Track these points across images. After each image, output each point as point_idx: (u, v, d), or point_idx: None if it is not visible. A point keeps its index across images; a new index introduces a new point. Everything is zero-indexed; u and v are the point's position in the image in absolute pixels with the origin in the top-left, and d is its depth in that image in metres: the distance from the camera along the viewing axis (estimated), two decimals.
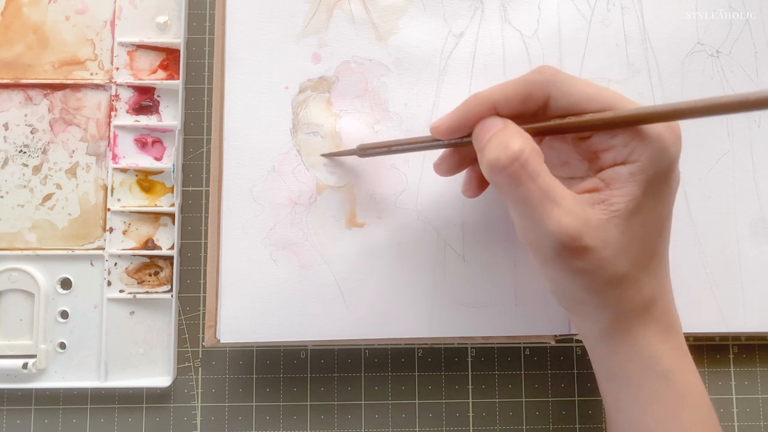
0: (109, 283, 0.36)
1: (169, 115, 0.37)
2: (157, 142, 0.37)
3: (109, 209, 0.36)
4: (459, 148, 0.29)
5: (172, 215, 0.36)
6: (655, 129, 0.25)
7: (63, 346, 0.35)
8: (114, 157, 0.36)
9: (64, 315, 0.36)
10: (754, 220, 0.35)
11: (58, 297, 0.36)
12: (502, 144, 0.25)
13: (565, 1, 0.35)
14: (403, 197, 0.34)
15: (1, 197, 0.36)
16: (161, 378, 0.36)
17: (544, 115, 0.27)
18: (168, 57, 0.37)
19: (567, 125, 0.26)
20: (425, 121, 0.35)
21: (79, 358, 0.35)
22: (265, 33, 0.35)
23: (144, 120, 0.36)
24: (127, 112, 0.36)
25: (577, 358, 0.37)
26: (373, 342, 0.35)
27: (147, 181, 0.37)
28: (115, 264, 0.36)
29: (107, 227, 0.36)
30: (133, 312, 0.36)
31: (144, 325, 0.36)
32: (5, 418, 0.36)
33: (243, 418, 0.36)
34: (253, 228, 0.34)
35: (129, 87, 0.37)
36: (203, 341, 0.34)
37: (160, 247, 0.36)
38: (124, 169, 0.36)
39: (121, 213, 0.36)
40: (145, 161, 0.36)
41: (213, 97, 0.35)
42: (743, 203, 0.35)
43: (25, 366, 0.34)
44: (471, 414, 0.36)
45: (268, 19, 0.35)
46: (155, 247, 0.36)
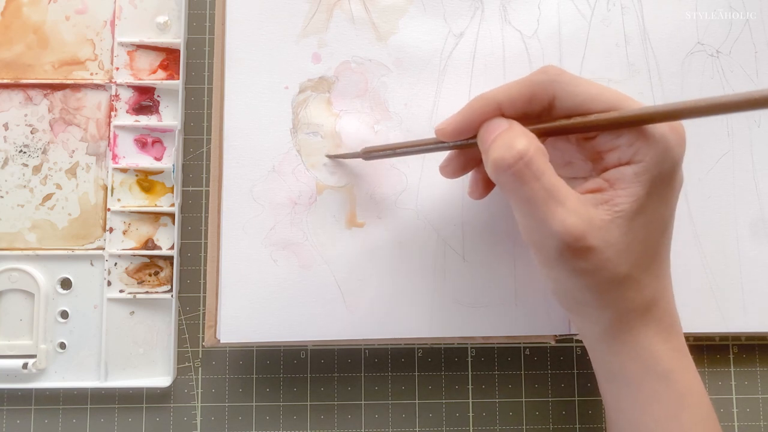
0: (109, 283, 0.36)
1: (169, 115, 0.37)
2: (157, 142, 0.37)
3: (109, 209, 0.36)
4: (464, 149, 0.29)
5: (172, 215, 0.36)
6: (660, 130, 0.25)
7: (63, 346, 0.35)
8: (114, 157, 0.36)
9: (64, 315, 0.36)
10: (754, 220, 0.35)
11: (58, 297, 0.36)
12: (506, 143, 0.25)
13: (565, 1, 0.35)
14: (403, 197, 0.34)
15: (1, 197, 0.36)
16: (161, 378, 0.36)
17: (548, 115, 0.27)
18: (168, 57, 0.37)
19: (573, 125, 0.26)
20: (425, 122, 0.35)
21: (79, 358, 0.35)
22: (265, 33, 0.35)
23: (144, 120, 0.36)
24: (127, 112, 0.36)
25: (577, 358, 0.37)
26: (373, 342, 0.35)
27: (147, 181, 0.37)
28: (115, 264, 0.36)
29: (107, 227, 0.36)
30: (133, 312, 0.36)
31: (144, 325, 0.36)
32: (5, 418, 0.36)
33: (243, 418, 0.36)
34: (253, 228, 0.34)
35: (129, 87, 0.37)
36: (203, 341, 0.34)
37: (160, 247, 0.36)
38: (124, 169, 0.36)
39: (121, 213, 0.36)
40: (145, 161, 0.36)
41: (213, 97, 0.35)
42: (743, 203, 0.35)
43: (25, 366, 0.34)
44: (471, 414, 0.36)
45: (268, 19, 0.35)
46: (155, 247, 0.36)
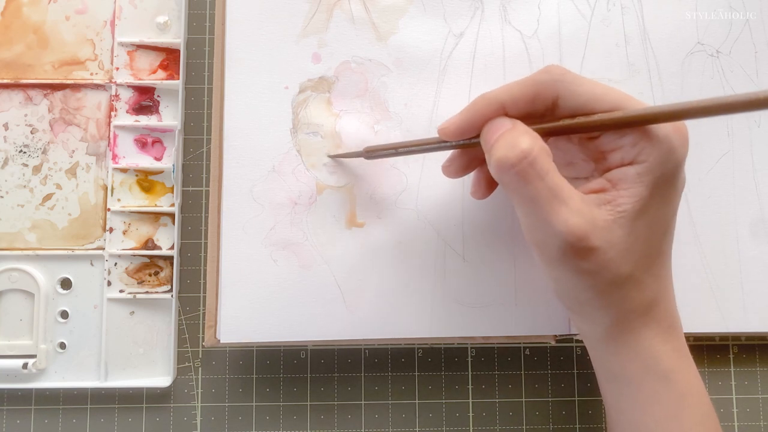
0: (109, 283, 0.36)
1: (169, 115, 0.37)
2: (157, 142, 0.37)
3: (109, 209, 0.36)
4: (467, 149, 0.29)
5: (172, 215, 0.36)
6: (664, 130, 0.25)
7: (63, 346, 0.35)
8: (114, 157, 0.36)
9: (64, 315, 0.36)
10: (754, 220, 0.35)
11: (58, 297, 0.36)
12: (510, 143, 0.25)
13: (565, 1, 0.35)
14: (403, 197, 0.34)
15: (1, 197, 0.36)
16: (161, 378, 0.36)
17: (551, 115, 0.27)
18: (168, 57, 0.37)
19: (576, 125, 0.26)
20: (425, 121, 0.35)
21: (79, 358, 0.35)
22: (265, 33, 0.35)
23: (144, 120, 0.36)
24: (127, 112, 0.36)
25: (577, 358, 0.37)
26: (373, 342, 0.35)
27: (147, 181, 0.37)
28: (115, 264, 0.36)
29: (107, 227, 0.36)
30: (133, 312, 0.36)
31: (144, 325, 0.36)
32: (5, 418, 0.36)
33: (243, 418, 0.36)
34: (253, 228, 0.34)
35: (129, 87, 0.37)
36: (203, 341, 0.34)
37: (160, 247, 0.36)
38: (124, 169, 0.36)
39: (121, 213, 0.36)
40: (145, 161, 0.36)
41: (213, 97, 0.35)
42: (743, 203, 0.35)
43: (25, 366, 0.34)
44: (471, 414, 0.36)
45: (268, 19, 0.35)
46: (155, 247, 0.36)
